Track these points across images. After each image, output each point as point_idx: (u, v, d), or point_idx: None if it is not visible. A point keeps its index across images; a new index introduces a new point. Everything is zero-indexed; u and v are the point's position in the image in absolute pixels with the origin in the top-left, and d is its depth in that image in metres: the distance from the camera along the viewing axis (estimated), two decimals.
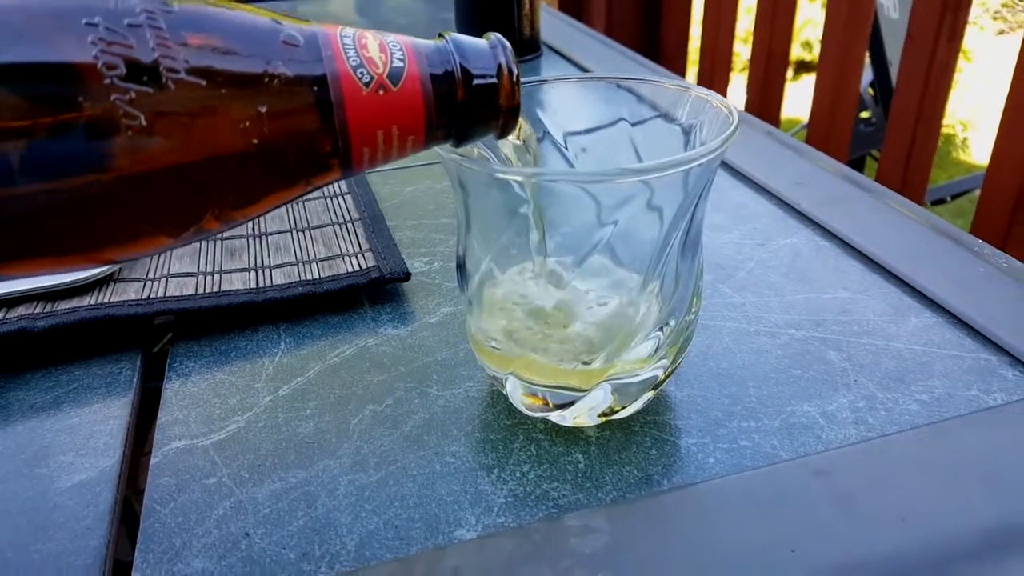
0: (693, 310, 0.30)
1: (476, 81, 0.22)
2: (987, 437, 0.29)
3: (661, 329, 0.28)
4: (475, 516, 0.27)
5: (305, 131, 0.20)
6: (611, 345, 0.28)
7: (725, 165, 0.52)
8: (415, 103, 0.21)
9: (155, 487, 0.29)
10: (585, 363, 0.28)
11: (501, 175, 0.24)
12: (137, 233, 0.19)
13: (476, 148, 0.29)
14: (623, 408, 0.30)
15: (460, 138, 0.23)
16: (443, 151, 0.25)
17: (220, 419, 0.32)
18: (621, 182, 0.24)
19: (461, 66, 0.22)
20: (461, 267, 0.30)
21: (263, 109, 0.19)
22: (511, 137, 0.26)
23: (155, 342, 0.38)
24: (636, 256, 0.28)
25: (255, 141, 0.19)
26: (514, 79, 0.22)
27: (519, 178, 0.25)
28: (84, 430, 0.32)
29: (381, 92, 0.20)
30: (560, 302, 0.28)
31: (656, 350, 0.29)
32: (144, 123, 0.18)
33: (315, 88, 0.20)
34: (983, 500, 0.27)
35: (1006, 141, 0.97)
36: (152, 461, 0.30)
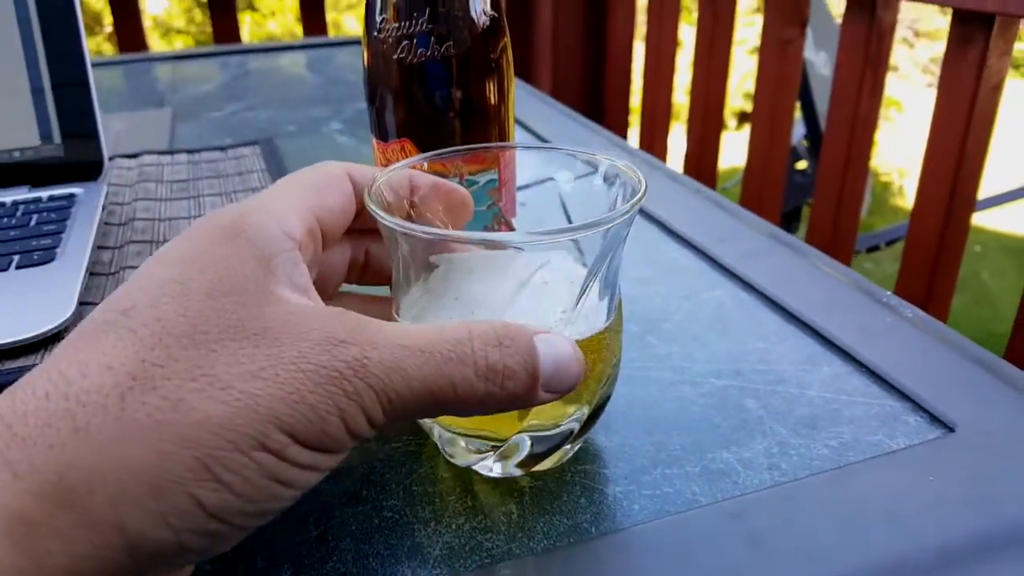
0: (612, 362, 0.32)
1: None
2: (889, 479, 0.32)
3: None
4: (411, 569, 0.28)
5: None
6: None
7: (657, 221, 0.55)
8: None
9: None
10: None
11: (409, 232, 0.27)
12: None
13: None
14: (543, 460, 0.32)
15: None
16: (386, 220, 0.27)
17: None
18: (535, 243, 0.27)
19: None
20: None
21: None
22: None
23: None
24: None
25: None
26: None
27: (426, 235, 0.27)
28: None
29: None
30: None
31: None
32: None
33: None
34: (884, 538, 0.29)
35: (924, 195, 1.03)
36: None
